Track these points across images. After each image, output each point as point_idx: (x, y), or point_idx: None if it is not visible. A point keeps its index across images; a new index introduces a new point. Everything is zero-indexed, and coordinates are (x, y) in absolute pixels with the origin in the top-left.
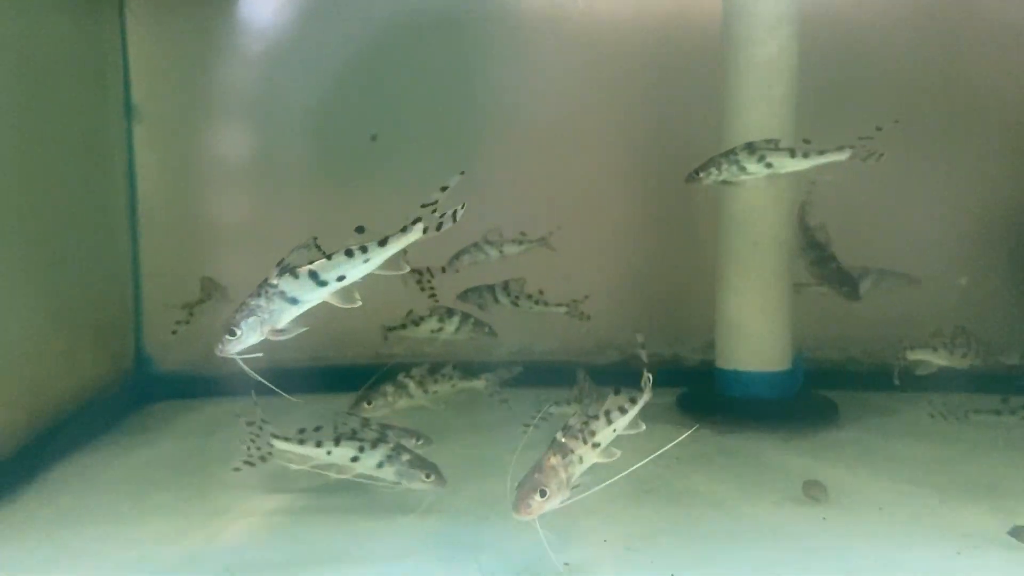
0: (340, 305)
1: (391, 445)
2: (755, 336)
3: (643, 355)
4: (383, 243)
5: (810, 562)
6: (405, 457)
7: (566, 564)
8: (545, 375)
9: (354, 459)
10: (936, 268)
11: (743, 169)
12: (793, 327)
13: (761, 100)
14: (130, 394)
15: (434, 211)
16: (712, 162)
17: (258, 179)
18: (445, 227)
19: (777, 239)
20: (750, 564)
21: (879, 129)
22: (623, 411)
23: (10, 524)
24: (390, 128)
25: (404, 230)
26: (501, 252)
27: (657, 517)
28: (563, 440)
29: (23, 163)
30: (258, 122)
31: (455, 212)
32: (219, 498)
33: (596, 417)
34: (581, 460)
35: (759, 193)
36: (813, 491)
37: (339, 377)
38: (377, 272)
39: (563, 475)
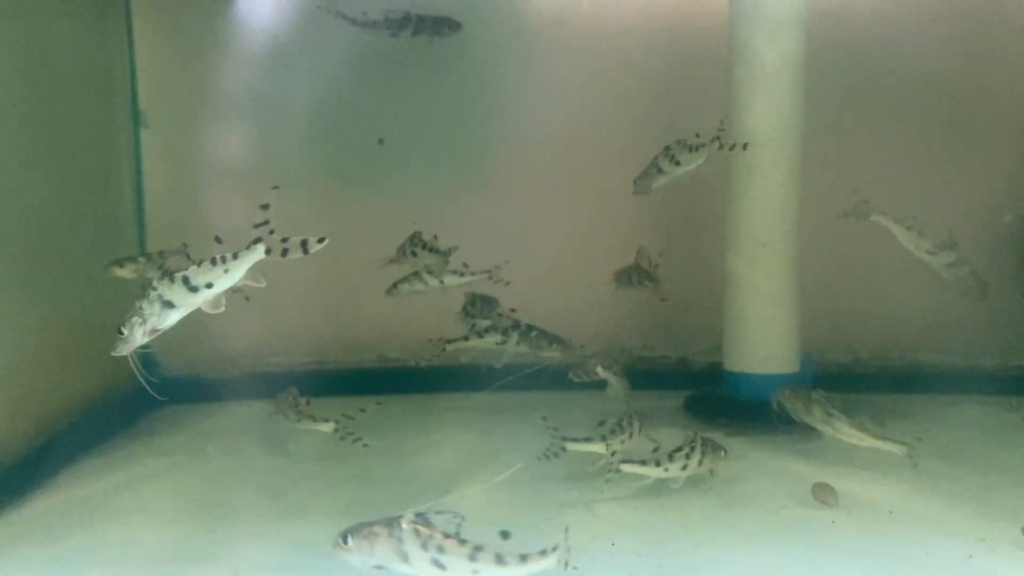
0: (208, 311)
1: (700, 445)
2: (763, 338)
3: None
4: (235, 257)
5: (820, 566)
6: (708, 449)
7: (575, 568)
8: (553, 380)
9: (684, 467)
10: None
11: (661, 171)
12: (801, 329)
13: (767, 102)
14: (138, 398)
15: (271, 232)
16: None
17: (265, 183)
18: (292, 255)
19: (784, 241)
20: (760, 568)
21: (723, 124)
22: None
23: (19, 527)
24: (396, 132)
25: (248, 248)
26: (442, 283)
27: (666, 521)
28: (404, 524)
29: (31, 168)
30: (265, 127)
31: (305, 242)
32: (227, 502)
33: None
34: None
35: (766, 195)
36: (822, 494)
37: (343, 380)
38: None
39: (379, 545)
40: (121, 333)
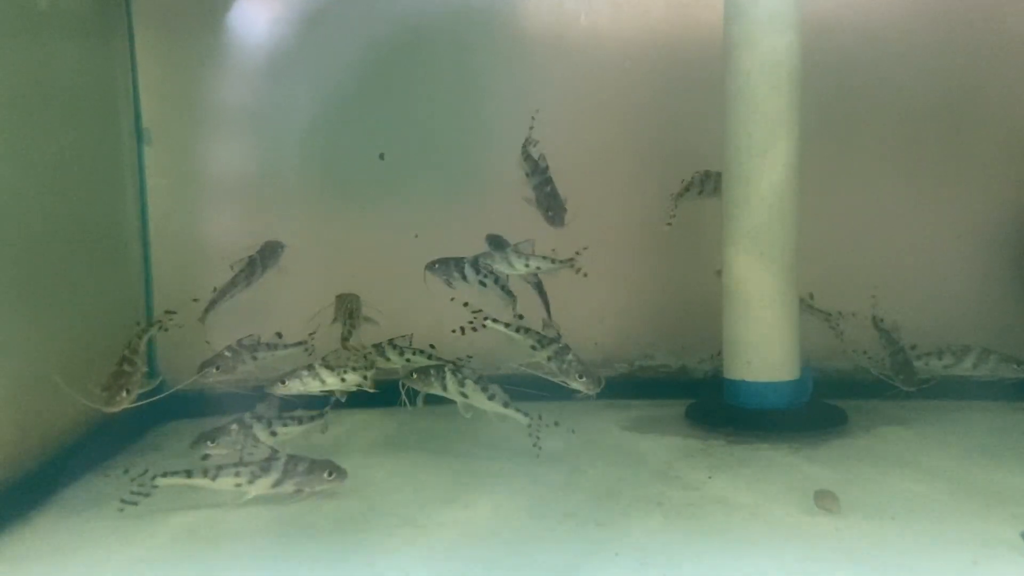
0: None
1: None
2: (763, 346)
3: None
4: None
5: (823, 574)
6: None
7: None
8: (554, 387)
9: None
10: (941, 277)
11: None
12: (801, 337)
13: (763, 112)
14: (142, 414)
15: None
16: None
17: (268, 199)
18: None
19: (782, 248)
20: None
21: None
22: None
23: (23, 547)
24: (397, 146)
25: None
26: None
27: (670, 529)
28: None
29: (35, 187)
30: (266, 142)
31: None
32: (232, 518)
33: None
34: None
35: (764, 203)
36: (825, 501)
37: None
38: None
39: None
40: None
